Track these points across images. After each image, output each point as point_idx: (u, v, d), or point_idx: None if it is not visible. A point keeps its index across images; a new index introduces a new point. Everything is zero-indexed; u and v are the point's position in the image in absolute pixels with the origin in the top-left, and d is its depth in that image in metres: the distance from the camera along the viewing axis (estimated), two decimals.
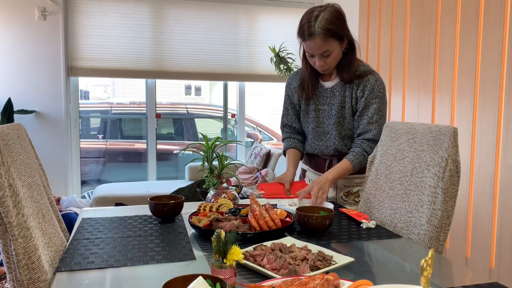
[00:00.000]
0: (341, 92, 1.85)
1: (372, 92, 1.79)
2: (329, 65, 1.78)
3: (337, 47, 1.76)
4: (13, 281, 1.12)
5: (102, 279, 1.05)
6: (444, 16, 2.88)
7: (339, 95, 1.85)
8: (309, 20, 1.73)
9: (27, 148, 1.42)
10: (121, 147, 5.74)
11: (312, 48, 1.73)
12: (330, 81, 1.88)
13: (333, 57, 1.77)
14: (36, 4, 3.98)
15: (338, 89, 1.85)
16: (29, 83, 4.03)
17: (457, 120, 2.79)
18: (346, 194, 1.92)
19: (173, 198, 1.60)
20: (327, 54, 1.74)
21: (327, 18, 1.71)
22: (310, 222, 1.37)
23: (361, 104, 1.81)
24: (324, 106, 1.88)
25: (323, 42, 1.71)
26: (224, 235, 0.97)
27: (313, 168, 2.01)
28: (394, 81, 3.42)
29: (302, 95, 1.92)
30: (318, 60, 1.76)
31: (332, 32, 1.71)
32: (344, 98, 1.84)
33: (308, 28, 1.71)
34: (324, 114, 1.89)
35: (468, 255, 2.71)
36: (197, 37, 4.44)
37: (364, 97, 1.80)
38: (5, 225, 1.09)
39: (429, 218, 1.40)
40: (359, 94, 1.81)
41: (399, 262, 1.18)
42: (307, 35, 1.72)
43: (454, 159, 1.39)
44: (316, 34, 1.70)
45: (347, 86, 1.83)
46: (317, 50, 1.73)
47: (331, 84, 1.87)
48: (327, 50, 1.73)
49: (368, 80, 1.80)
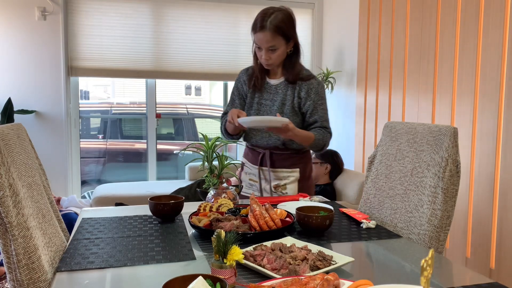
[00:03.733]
0: (283, 90, 2.04)
1: (317, 94, 2.02)
2: (273, 60, 1.96)
3: (283, 46, 1.95)
4: (13, 281, 1.12)
5: (102, 279, 1.05)
6: (444, 16, 2.88)
7: (281, 93, 2.04)
8: (264, 16, 1.91)
9: (27, 148, 1.42)
10: (121, 147, 5.74)
11: (261, 40, 1.91)
12: (276, 79, 2.08)
13: (277, 54, 1.95)
14: (36, 4, 3.98)
15: (281, 88, 2.05)
16: (29, 83, 4.03)
17: (457, 120, 2.79)
18: (276, 186, 2.06)
19: (173, 198, 1.60)
20: (273, 49, 1.93)
21: (279, 18, 1.90)
22: (310, 222, 1.37)
23: (310, 106, 2.01)
24: (266, 101, 2.06)
25: (272, 36, 1.89)
26: (224, 235, 0.97)
27: (249, 161, 2.16)
28: (394, 81, 3.42)
29: (249, 87, 2.10)
30: (265, 54, 1.94)
31: (281, 30, 1.90)
32: (286, 96, 2.03)
33: (261, 22, 1.90)
34: (265, 108, 2.06)
35: (468, 255, 2.71)
36: (197, 37, 4.44)
37: (312, 99, 2.01)
38: (5, 225, 1.09)
39: (429, 218, 1.40)
40: (303, 95, 2.02)
41: (399, 262, 1.18)
42: (258, 27, 1.90)
43: (454, 159, 1.39)
44: (266, 28, 1.88)
45: (290, 86, 2.03)
46: (265, 43, 1.91)
47: (276, 82, 2.07)
48: (274, 46, 1.92)
49: (312, 84, 2.02)
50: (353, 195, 2.81)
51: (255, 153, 2.12)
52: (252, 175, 2.15)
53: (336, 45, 4.43)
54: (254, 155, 2.13)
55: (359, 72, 3.92)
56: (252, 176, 2.15)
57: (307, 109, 2.02)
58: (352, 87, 4.10)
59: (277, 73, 2.08)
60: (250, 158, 2.15)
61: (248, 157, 2.17)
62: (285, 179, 2.06)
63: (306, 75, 2.04)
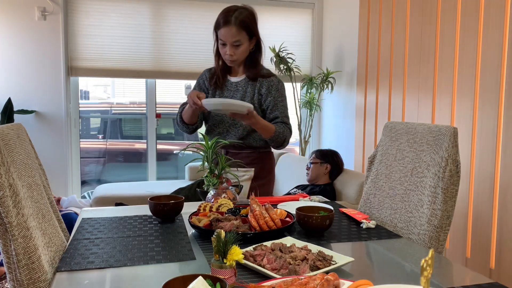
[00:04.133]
0: (243, 88, 2.09)
1: (278, 91, 2.07)
2: (237, 56, 2.01)
3: (246, 42, 2.00)
4: (13, 281, 1.12)
5: (102, 279, 1.05)
6: (444, 16, 2.88)
7: (241, 90, 2.09)
8: (228, 12, 1.96)
9: (27, 148, 1.42)
10: (121, 147, 5.74)
11: (226, 35, 1.95)
12: (237, 76, 2.13)
13: (241, 50, 2.00)
14: (36, 4, 3.98)
15: (242, 85, 2.09)
16: (29, 83, 4.03)
17: (457, 120, 2.79)
18: None
19: (173, 198, 1.60)
20: (238, 44, 1.98)
21: (244, 14, 1.97)
22: (310, 222, 1.37)
23: (271, 102, 2.06)
24: (226, 98, 2.09)
25: (237, 31, 1.94)
26: (224, 235, 0.97)
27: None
28: (394, 81, 3.42)
29: (211, 85, 2.13)
30: (229, 49, 1.98)
31: (245, 25, 1.96)
32: (246, 93, 2.08)
33: (226, 17, 1.95)
34: None
35: (468, 255, 2.71)
36: (197, 37, 4.44)
37: (273, 96, 2.06)
38: (5, 225, 1.09)
39: (429, 218, 1.40)
40: (264, 92, 2.06)
41: (399, 262, 1.18)
42: (223, 22, 1.94)
43: (454, 159, 1.39)
44: (232, 23, 1.94)
45: (250, 84, 2.08)
46: (230, 37, 1.95)
47: (237, 80, 2.12)
48: (239, 40, 1.96)
49: (273, 81, 2.07)
50: (353, 195, 2.81)
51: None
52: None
53: (336, 45, 4.43)
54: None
55: (359, 72, 3.92)
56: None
57: (267, 105, 2.07)
58: (352, 87, 4.10)
59: (238, 71, 2.12)
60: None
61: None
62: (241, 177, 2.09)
63: (266, 73, 2.10)
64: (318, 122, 4.83)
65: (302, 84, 4.37)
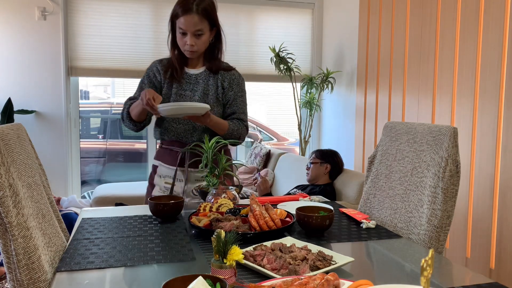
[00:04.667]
0: (204, 80, 1.97)
1: (239, 86, 2.00)
2: (199, 46, 1.88)
3: (207, 32, 1.88)
4: (13, 281, 1.12)
5: (102, 279, 1.05)
6: (444, 16, 2.88)
7: (202, 83, 1.97)
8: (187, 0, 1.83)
9: (27, 148, 1.42)
10: (121, 147, 5.74)
11: (187, 24, 1.82)
12: (196, 69, 2.00)
13: (203, 40, 1.88)
14: (36, 4, 3.98)
15: (202, 77, 1.98)
16: (29, 83, 4.03)
17: (457, 120, 2.79)
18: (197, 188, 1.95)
19: (173, 198, 1.60)
20: (199, 33, 1.85)
21: (206, 2, 1.84)
22: (310, 222, 1.37)
23: (231, 97, 1.99)
24: (186, 91, 1.96)
25: (199, 19, 1.82)
26: (224, 235, 0.97)
27: (165, 162, 2.00)
28: (394, 81, 3.42)
29: (166, 78, 1.97)
30: (190, 39, 1.85)
31: (208, 13, 1.84)
32: (208, 86, 1.97)
33: (187, 5, 1.81)
34: (186, 99, 1.96)
35: (468, 255, 2.71)
36: None
37: (233, 91, 1.99)
38: (5, 225, 1.09)
39: (429, 218, 1.40)
40: (226, 86, 1.98)
41: (399, 262, 1.18)
42: (184, 11, 1.81)
43: (454, 159, 1.39)
44: (194, 11, 1.81)
45: (211, 76, 1.98)
46: (192, 26, 1.82)
47: (197, 72, 1.99)
48: (200, 30, 1.84)
49: (234, 75, 2.00)
50: (353, 195, 2.81)
51: (172, 153, 1.98)
52: (168, 177, 1.99)
53: (336, 45, 4.43)
54: (172, 155, 1.98)
55: (359, 72, 3.92)
56: (168, 179, 1.99)
57: (227, 100, 1.99)
58: (352, 87, 4.10)
59: (197, 63, 2.00)
60: (167, 159, 1.99)
61: (164, 159, 2.01)
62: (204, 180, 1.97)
63: (227, 66, 2.01)
64: (318, 122, 4.83)
65: (302, 84, 4.37)
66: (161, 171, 2.00)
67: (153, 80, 1.99)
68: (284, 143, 6.91)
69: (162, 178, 2.00)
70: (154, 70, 2.00)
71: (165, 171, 1.99)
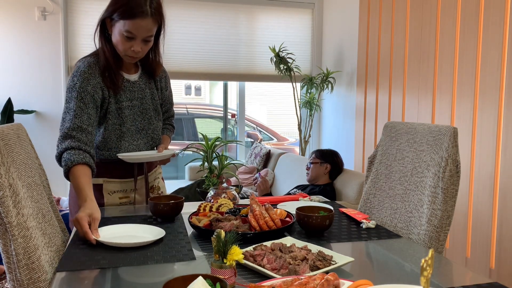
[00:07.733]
0: (147, 84, 1.78)
1: (168, 82, 1.91)
2: (143, 52, 1.62)
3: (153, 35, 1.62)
4: (13, 281, 1.12)
5: (102, 279, 1.05)
6: (444, 16, 2.88)
7: (146, 88, 1.77)
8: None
9: (27, 148, 1.42)
10: None
11: (140, 28, 1.53)
12: (134, 73, 1.75)
13: (149, 45, 1.62)
14: (36, 4, 3.98)
15: (144, 82, 1.76)
16: (29, 83, 4.03)
17: (457, 120, 2.79)
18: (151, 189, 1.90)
19: (173, 198, 1.60)
20: (150, 39, 1.59)
21: (159, 2, 1.58)
22: (310, 222, 1.37)
23: (167, 95, 1.91)
24: (132, 101, 1.72)
25: (153, 24, 1.56)
26: (224, 235, 0.97)
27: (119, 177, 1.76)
28: (394, 81, 3.42)
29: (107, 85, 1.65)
30: (137, 45, 1.57)
31: (160, 15, 1.59)
32: (152, 90, 1.79)
33: (141, 6, 1.52)
34: (135, 110, 1.72)
35: (468, 255, 2.71)
36: (197, 37, 4.43)
37: (168, 89, 1.91)
38: (5, 225, 1.09)
39: (429, 218, 1.40)
40: (162, 86, 1.86)
41: (399, 262, 1.18)
42: (138, 13, 1.51)
43: (454, 159, 1.39)
44: (149, 15, 1.53)
45: (150, 81, 1.80)
46: (145, 32, 1.55)
47: (136, 77, 1.74)
48: (152, 35, 1.58)
49: (164, 71, 1.87)
50: (353, 195, 2.81)
51: (126, 165, 1.75)
52: (122, 192, 1.78)
53: (336, 45, 4.43)
54: (125, 167, 1.76)
55: (359, 72, 3.92)
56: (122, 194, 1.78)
57: (164, 99, 1.90)
58: (352, 87, 4.10)
59: (131, 67, 1.74)
60: (120, 173, 1.76)
61: (116, 174, 1.76)
62: (157, 179, 1.94)
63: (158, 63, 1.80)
64: (318, 122, 4.83)
65: (302, 84, 4.37)
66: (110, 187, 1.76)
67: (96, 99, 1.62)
68: (284, 143, 6.91)
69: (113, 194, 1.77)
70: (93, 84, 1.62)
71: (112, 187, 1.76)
